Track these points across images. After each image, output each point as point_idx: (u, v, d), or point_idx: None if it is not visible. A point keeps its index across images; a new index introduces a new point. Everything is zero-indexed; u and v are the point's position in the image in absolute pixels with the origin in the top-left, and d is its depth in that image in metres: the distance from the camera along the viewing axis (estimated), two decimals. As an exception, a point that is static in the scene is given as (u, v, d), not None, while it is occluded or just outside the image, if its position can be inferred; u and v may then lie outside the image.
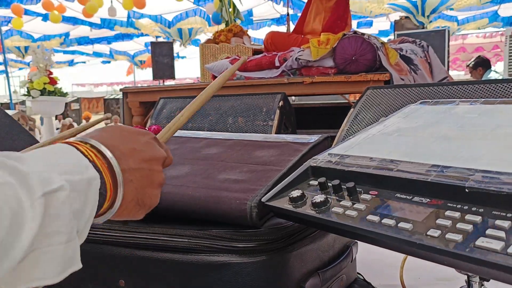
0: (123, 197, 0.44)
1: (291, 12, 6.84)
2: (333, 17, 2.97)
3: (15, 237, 0.32)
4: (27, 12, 8.60)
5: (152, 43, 6.45)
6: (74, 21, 9.33)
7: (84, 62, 14.62)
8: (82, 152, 0.42)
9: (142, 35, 10.60)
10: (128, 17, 9.14)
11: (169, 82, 5.89)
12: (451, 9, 8.01)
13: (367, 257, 1.07)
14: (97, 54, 13.30)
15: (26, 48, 10.61)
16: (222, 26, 4.60)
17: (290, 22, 4.42)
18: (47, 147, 0.41)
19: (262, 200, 0.65)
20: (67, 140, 0.43)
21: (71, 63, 14.18)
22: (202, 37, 9.86)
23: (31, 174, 0.35)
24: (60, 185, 0.36)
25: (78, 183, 0.38)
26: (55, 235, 0.35)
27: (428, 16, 7.26)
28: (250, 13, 8.70)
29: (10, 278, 0.34)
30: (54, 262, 0.36)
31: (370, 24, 9.73)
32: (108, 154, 0.43)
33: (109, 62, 14.39)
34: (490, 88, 0.95)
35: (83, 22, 9.45)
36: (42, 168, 0.37)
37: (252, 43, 3.59)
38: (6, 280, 0.34)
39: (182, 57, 13.02)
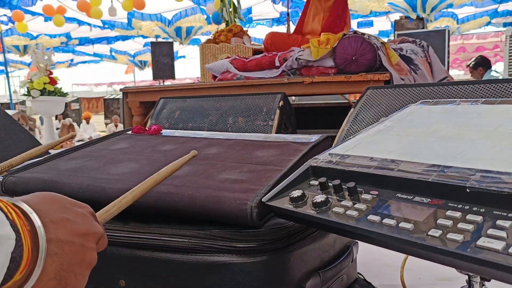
0: (43, 270, 0.37)
1: (291, 11, 6.83)
2: (332, 17, 2.97)
3: None
4: (27, 12, 8.60)
5: (152, 43, 6.45)
6: (74, 21, 9.34)
7: (85, 62, 14.62)
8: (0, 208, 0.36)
9: (143, 37, 10.60)
10: (128, 17, 9.14)
11: (169, 82, 5.89)
12: (451, 5, 8.00)
13: (368, 257, 1.07)
14: (97, 55, 13.30)
15: (25, 47, 10.60)
16: (222, 26, 4.60)
17: (290, 22, 4.42)
18: None
19: (263, 200, 0.65)
20: None
21: (71, 63, 14.17)
22: (202, 36, 9.87)
23: None
24: None
25: None
26: None
27: (428, 15, 7.26)
28: (249, 11, 8.70)
29: None
30: None
31: (370, 24, 9.73)
32: (34, 217, 0.38)
33: (109, 62, 14.39)
34: (490, 88, 0.95)
35: (82, 23, 9.46)
36: None
37: (252, 43, 3.58)
38: None
39: (181, 57, 13.00)
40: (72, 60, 13.97)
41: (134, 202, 0.61)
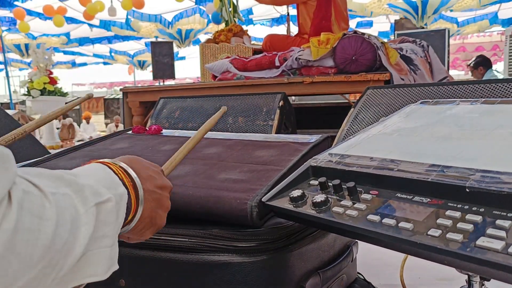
0: (142, 212, 0.51)
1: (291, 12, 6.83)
2: (318, 19, 2.99)
3: (75, 237, 0.39)
4: (29, 12, 8.59)
5: (152, 43, 6.44)
6: (74, 21, 9.33)
7: (85, 64, 14.60)
8: (113, 171, 0.49)
9: (141, 38, 10.59)
10: (127, 17, 9.12)
11: (169, 82, 5.89)
12: (451, 10, 7.99)
13: (368, 257, 1.08)
14: (97, 56, 13.28)
15: (27, 46, 10.59)
16: (222, 25, 4.60)
17: (290, 22, 4.42)
18: (87, 166, 0.49)
19: (263, 199, 0.65)
20: (101, 160, 0.51)
21: (73, 64, 14.16)
22: (202, 37, 9.86)
23: (86, 186, 0.42)
24: (108, 197, 0.44)
25: (116, 197, 0.45)
26: (103, 238, 0.42)
27: (429, 17, 7.24)
28: (249, 11, 8.70)
29: (67, 277, 0.39)
30: (103, 262, 0.43)
31: (370, 24, 9.72)
32: (134, 174, 0.51)
33: (109, 63, 14.38)
34: (490, 88, 0.95)
35: (83, 22, 9.45)
36: (93, 182, 0.44)
37: (252, 42, 3.58)
38: (65, 278, 0.38)
39: (182, 58, 12.97)
40: (73, 61, 13.95)
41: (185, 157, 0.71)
